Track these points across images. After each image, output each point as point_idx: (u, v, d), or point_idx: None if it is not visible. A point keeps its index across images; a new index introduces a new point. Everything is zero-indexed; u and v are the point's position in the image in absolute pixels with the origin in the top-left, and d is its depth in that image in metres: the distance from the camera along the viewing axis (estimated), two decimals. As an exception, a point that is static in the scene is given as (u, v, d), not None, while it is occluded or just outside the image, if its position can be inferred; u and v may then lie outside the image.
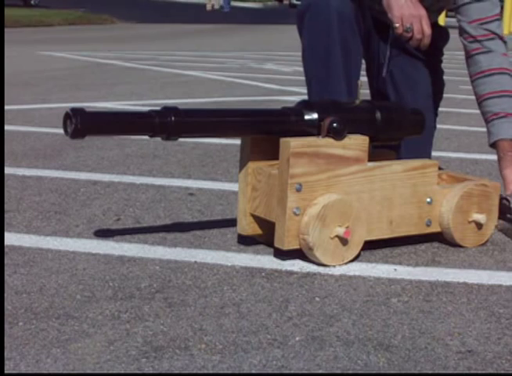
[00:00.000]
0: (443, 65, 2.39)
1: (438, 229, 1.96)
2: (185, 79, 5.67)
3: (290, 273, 1.76)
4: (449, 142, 3.42)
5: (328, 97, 2.06)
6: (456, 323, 1.51)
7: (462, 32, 2.19)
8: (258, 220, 1.89)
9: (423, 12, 2.08)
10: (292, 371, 1.30)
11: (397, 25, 2.07)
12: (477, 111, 2.24)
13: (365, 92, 2.05)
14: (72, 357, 1.31)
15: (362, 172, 1.83)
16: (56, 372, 1.27)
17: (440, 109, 2.38)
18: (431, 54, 2.27)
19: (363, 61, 2.32)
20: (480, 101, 2.17)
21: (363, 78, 2.17)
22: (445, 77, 2.38)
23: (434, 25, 2.32)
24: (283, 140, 1.77)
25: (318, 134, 1.82)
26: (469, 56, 2.18)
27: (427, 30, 2.08)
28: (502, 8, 4.06)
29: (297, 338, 1.42)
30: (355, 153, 1.82)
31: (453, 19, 2.37)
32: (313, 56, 2.23)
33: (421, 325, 1.50)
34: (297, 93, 4.80)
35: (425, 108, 2.19)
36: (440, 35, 2.31)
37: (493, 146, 2.16)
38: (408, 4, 2.07)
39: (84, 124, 1.63)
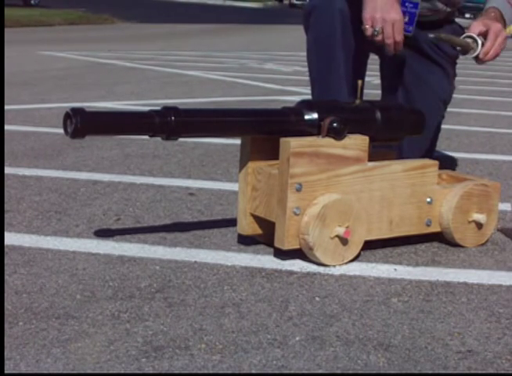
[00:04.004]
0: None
1: (438, 229, 1.96)
2: (186, 79, 5.67)
3: (290, 273, 1.76)
4: (449, 142, 3.42)
5: (330, 97, 2.06)
6: (456, 323, 1.51)
7: None
8: (258, 220, 1.89)
9: (397, 16, 2.01)
10: (292, 371, 1.30)
11: (366, 27, 2.01)
12: (477, 111, 2.25)
13: (367, 93, 2.05)
14: (72, 357, 1.32)
15: (362, 172, 1.83)
16: (56, 372, 1.27)
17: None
18: (446, 53, 2.26)
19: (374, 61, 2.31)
20: None
21: (368, 79, 2.17)
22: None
23: (450, 22, 2.32)
24: (283, 140, 1.77)
25: (318, 134, 1.82)
26: None
27: (398, 36, 2.02)
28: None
29: (297, 338, 1.42)
30: (355, 153, 1.82)
31: (460, 20, 2.37)
32: (316, 57, 2.24)
33: (421, 325, 1.50)
34: (297, 93, 4.81)
35: (433, 110, 2.19)
36: (455, 32, 2.31)
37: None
38: (382, 6, 2.00)
39: (84, 123, 1.63)
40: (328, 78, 2.20)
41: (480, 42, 2.05)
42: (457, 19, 2.43)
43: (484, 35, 2.06)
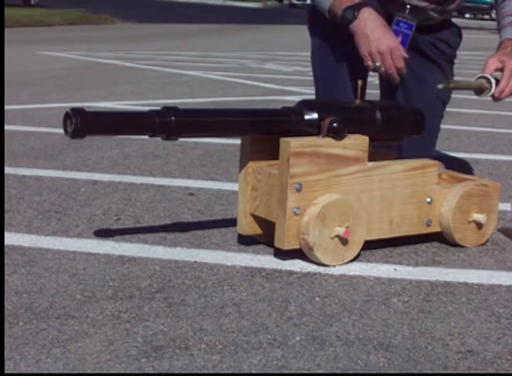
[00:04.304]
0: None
1: (438, 229, 1.96)
2: (186, 79, 5.67)
3: (290, 273, 1.76)
4: (449, 142, 3.42)
5: (335, 97, 2.06)
6: (456, 323, 1.51)
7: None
8: (258, 220, 1.89)
9: (392, 43, 2.03)
10: (292, 371, 1.30)
11: (368, 63, 2.04)
12: (477, 111, 2.26)
13: (369, 93, 2.05)
14: (72, 357, 1.32)
15: (362, 172, 1.83)
16: (56, 372, 1.27)
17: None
18: (444, 53, 2.26)
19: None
20: (501, 17, 2.19)
21: (371, 79, 2.16)
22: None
23: (448, 23, 2.32)
24: (283, 140, 1.77)
25: (318, 134, 1.82)
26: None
27: (398, 63, 2.04)
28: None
29: (297, 338, 1.42)
30: (355, 153, 1.82)
31: (460, 20, 2.37)
32: (321, 57, 2.24)
33: (421, 325, 1.50)
34: (297, 93, 4.81)
35: (432, 110, 2.19)
36: (452, 33, 2.31)
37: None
38: (375, 39, 2.01)
39: (84, 123, 1.63)
40: (334, 78, 2.20)
41: (494, 82, 2.05)
42: (457, 20, 2.43)
43: (501, 70, 2.06)
